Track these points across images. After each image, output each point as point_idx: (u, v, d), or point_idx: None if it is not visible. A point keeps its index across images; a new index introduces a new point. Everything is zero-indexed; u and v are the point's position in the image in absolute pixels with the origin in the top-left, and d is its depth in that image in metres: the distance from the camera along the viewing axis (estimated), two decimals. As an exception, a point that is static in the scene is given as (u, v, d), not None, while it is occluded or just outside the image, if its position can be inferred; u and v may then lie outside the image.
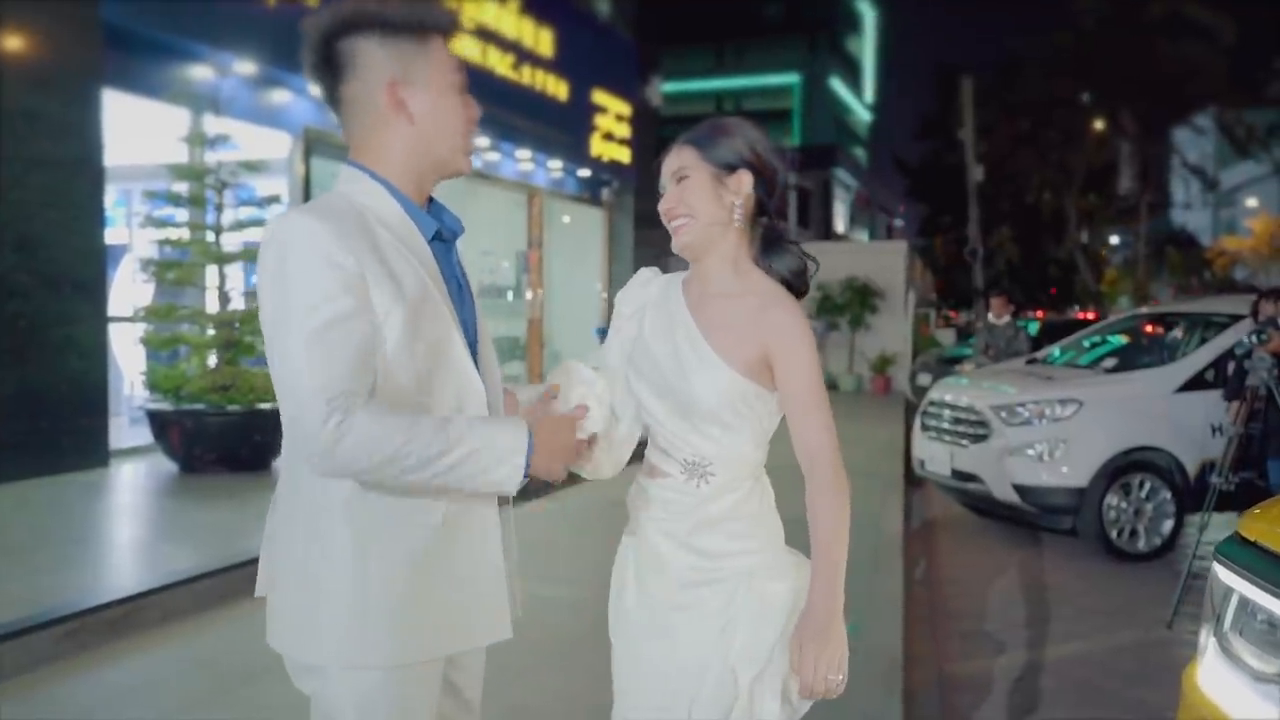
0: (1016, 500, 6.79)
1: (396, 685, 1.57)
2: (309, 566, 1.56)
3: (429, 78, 1.67)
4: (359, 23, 1.65)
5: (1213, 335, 7.22)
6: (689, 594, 1.77)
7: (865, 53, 77.31)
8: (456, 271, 1.76)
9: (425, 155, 1.69)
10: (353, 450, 1.43)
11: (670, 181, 1.81)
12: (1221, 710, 1.64)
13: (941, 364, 16.34)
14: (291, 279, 1.50)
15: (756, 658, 1.75)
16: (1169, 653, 4.86)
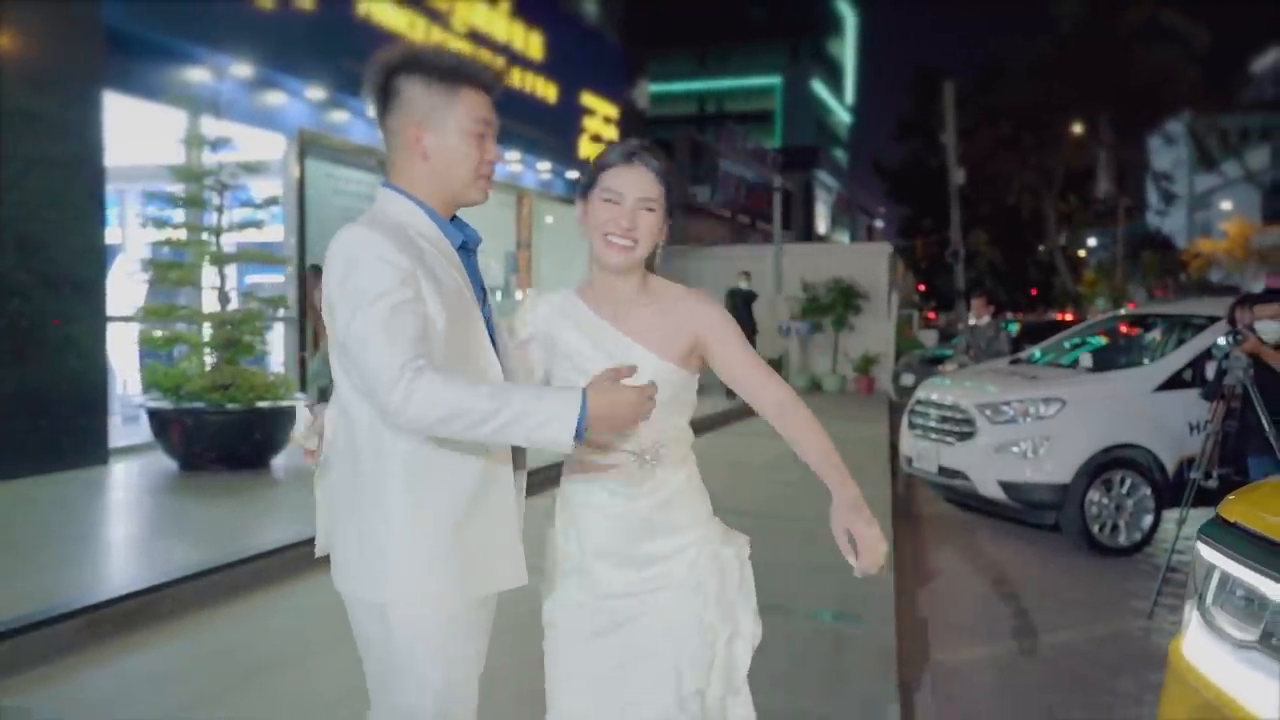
0: (1002, 496, 6.98)
1: (446, 626, 1.88)
2: (373, 524, 1.86)
3: (449, 124, 1.94)
4: (408, 65, 1.95)
5: (1190, 336, 7.43)
6: (657, 569, 2.01)
7: (846, 55, 77.79)
8: (478, 276, 2.04)
9: (440, 186, 1.98)
10: (421, 406, 1.69)
11: (635, 204, 2.03)
12: (1205, 676, 1.81)
13: (924, 364, 16.56)
14: (360, 276, 1.78)
15: (727, 616, 2.01)
16: (1150, 642, 5.06)
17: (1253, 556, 1.75)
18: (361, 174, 11.42)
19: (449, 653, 1.90)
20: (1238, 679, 1.73)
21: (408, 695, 1.90)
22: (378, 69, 1.96)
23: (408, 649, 1.88)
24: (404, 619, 1.87)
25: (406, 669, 1.89)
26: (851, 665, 4.22)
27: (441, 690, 1.90)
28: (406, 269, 1.80)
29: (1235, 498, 1.98)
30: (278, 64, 9.73)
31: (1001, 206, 29.47)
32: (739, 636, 2.03)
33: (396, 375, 1.70)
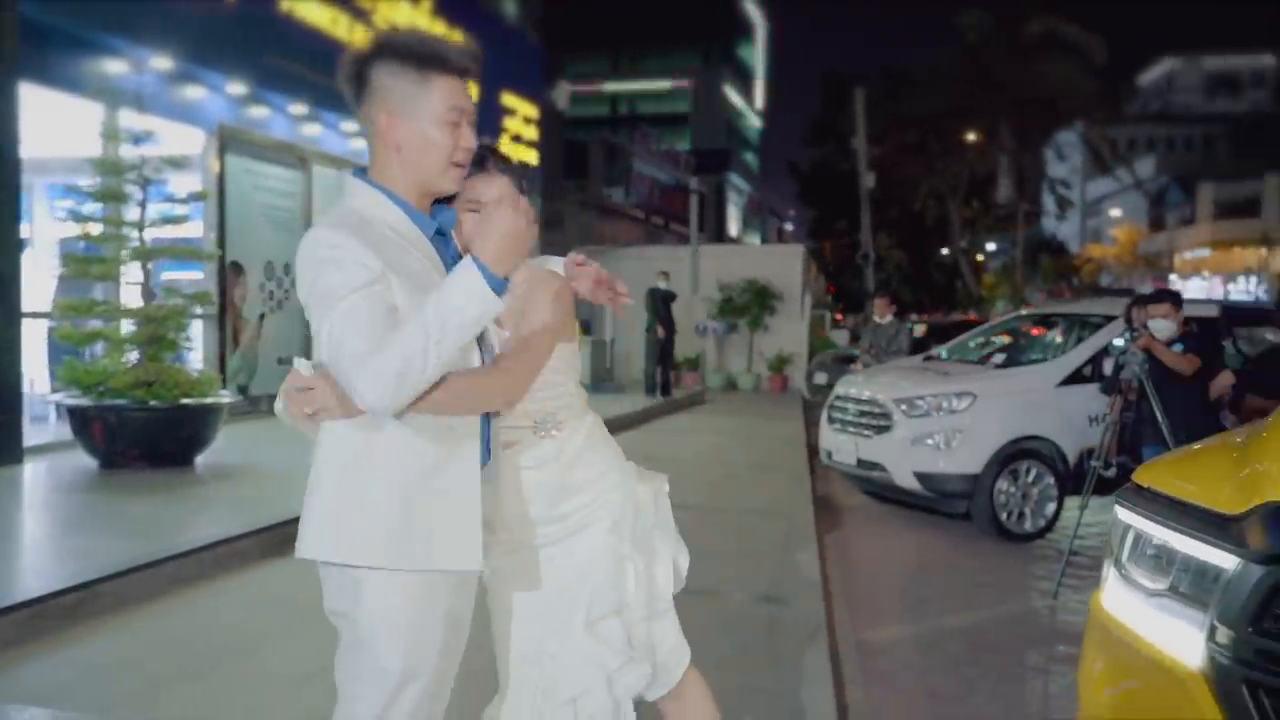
0: (917, 487, 7.32)
1: (412, 605, 1.90)
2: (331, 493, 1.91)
3: (420, 112, 1.92)
4: (379, 53, 1.94)
5: (1089, 334, 7.89)
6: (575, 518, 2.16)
7: (756, 60, 78.93)
8: (454, 258, 2.05)
9: (413, 176, 1.96)
10: (381, 385, 1.75)
11: None
12: (1122, 623, 2.05)
13: (836, 363, 17.08)
14: (328, 278, 1.81)
15: (643, 547, 2.19)
16: (1055, 620, 5.42)
17: (1162, 515, 2.00)
18: (283, 170, 11.30)
19: (411, 636, 1.92)
20: (1150, 623, 1.98)
21: (369, 673, 1.91)
22: (350, 58, 1.96)
23: (370, 627, 1.90)
24: (370, 589, 1.89)
25: (368, 647, 1.91)
26: (785, 645, 4.44)
27: (401, 672, 1.91)
28: (374, 269, 1.82)
29: (1149, 466, 2.24)
30: (197, 58, 9.59)
31: (908, 211, 30.38)
32: (658, 563, 2.22)
33: (360, 368, 1.76)
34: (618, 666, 2.12)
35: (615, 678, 2.13)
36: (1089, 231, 71.84)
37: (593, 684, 2.11)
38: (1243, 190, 61.66)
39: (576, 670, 2.12)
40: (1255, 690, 1.72)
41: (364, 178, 1.98)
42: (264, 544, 5.66)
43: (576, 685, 2.12)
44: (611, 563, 2.16)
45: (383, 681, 1.89)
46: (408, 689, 1.91)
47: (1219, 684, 1.77)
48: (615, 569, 2.16)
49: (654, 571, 2.22)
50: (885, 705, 4.07)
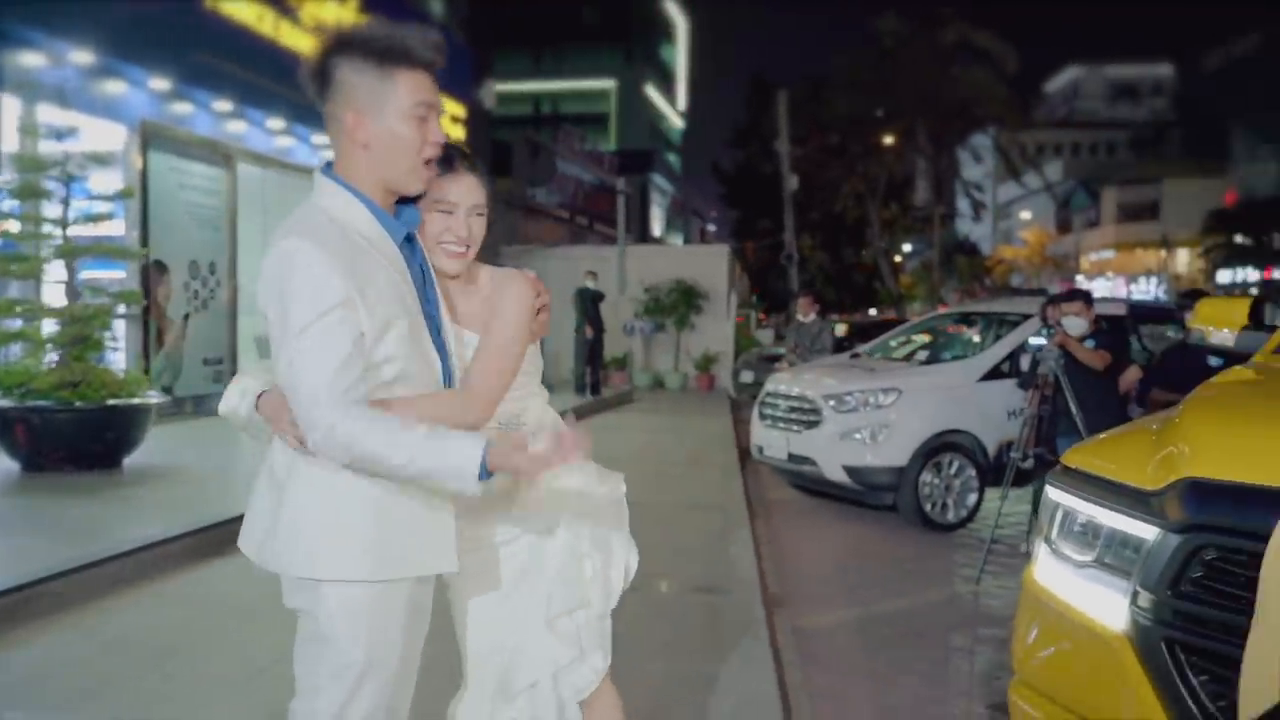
0: (846, 480, 7.57)
1: (373, 599, 1.90)
2: (298, 502, 1.90)
3: (386, 108, 1.87)
4: (341, 48, 1.88)
5: (1006, 332, 8.24)
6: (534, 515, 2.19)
7: (678, 61, 79.43)
8: (420, 262, 2.03)
9: (381, 175, 1.91)
10: (338, 448, 1.77)
11: (468, 212, 2.08)
12: (1053, 593, 2.24)
13: (762, 362, 17.37)
14: (292, 301, 1.77)
15: (601, 546, 2.24)
16: (978, 604, 5.67)
17: (1089, 494, 2.19)
18: (207, 168, 11.11)
19: (372, 629, 1.91)
20: (1078, 592, 2.16)
21: (329, 667, 1.90)
22: (315, 52, 1.90)
23: (330, 622, 1.89)
24: (330, 593, 1.88)
25: (330, 641, 1.89)
26: (726, 632, 4.60)
27: (363, 665, 1.91)
28: (340, 292, 1.77)
29: (1075, 449, 2.44)
30: (119, 52, 9.39)
31: (830, 212, 31.01)
32: (613, 565, 2.27)
33: (313, 405, 1.76)
34: (568, 663, 2.18)
35: (562, 675, 2.19)
36: (1000, 233, 74.00)
37: (543, 679, 2.17)
38: (1144, 194, 64.25)
39: (530, 664, 2.17)
40: (1172, 647, 1.91)
41: (333, 175, 1.93)
42: (203, 545, 5.62)
43: (529, 678, 2.17)
44: (570, 561, 2.20)
45: (344, 675, 1.89)
46: (369, 682, 1.91)
47: (1141, 644, 1.96)
48: (574, 567, 2.20)
49: (609, 572, 2.26)
50: (824, 686, 4.24)
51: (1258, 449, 1.99)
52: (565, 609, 2.18)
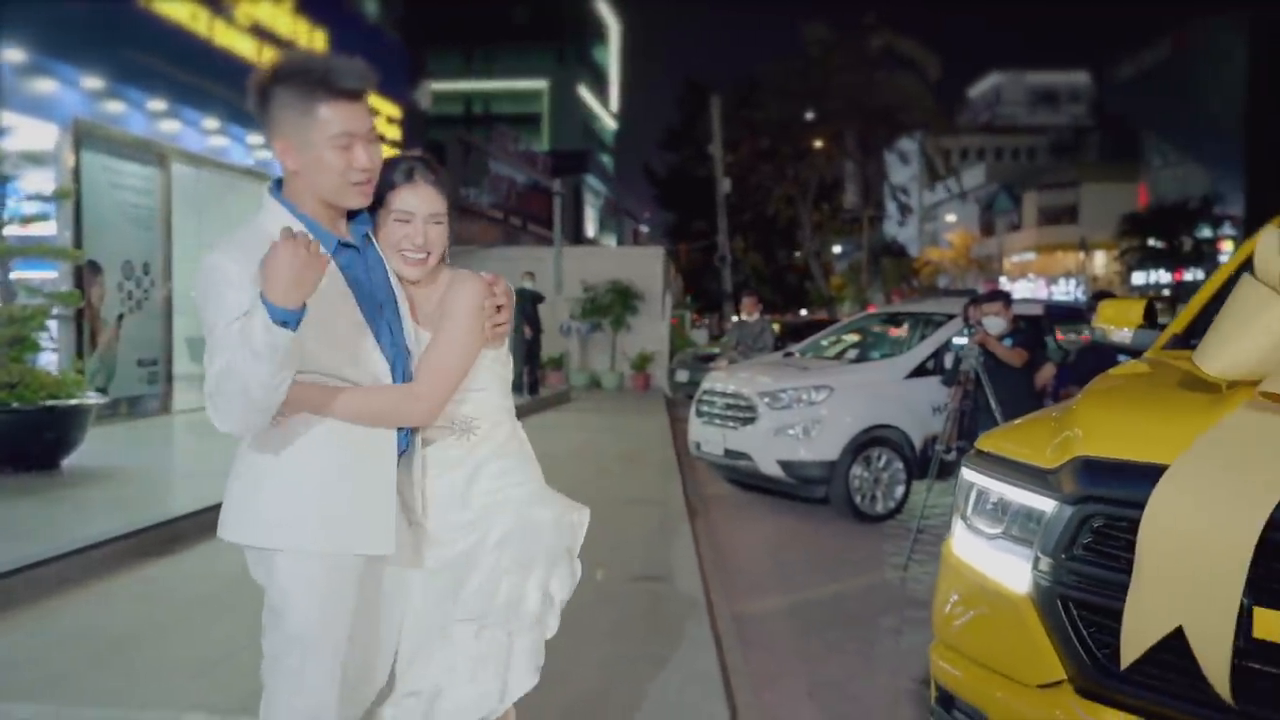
0: (780, 474, 7.86)
1: (324, 573, 2.05)
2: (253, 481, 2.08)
3: (310, 138, 2.00)
4: (270, 82, 2.02)
5: (932, 331, 8.62)
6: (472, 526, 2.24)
7: (610, 62, 79.62)
8: (364, 267, 2.16)
9: (313, 195, 2.07)
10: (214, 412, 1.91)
11: (426, 220, 2.18)
12: (968, 563, 2.51)
13: (697, 362, 17.67)
14: (209, 301, 1.95)
15: (525, 565, 2.25)
16: (905, 589, 5.98)
17: (998, 473, 2.46)
18: (140, 167, 11.01)
19: (322, 601, 2.05)
20: (990, 561, 2.43)
21: (284, 635, 2.06)
22: (251, 90, 2.04)
23: (283, 594, 2.05)
24: (283, 566, 2.04)
25: (283, 610, 2.05)
26: (670, 617, 4.83)
27: (313, 634, 2.04)
28: (248, 298, 1.88)
29: (987, 435, 2.71)
30: (50, 50, 9.31)
31: (762, 214, 31.53)
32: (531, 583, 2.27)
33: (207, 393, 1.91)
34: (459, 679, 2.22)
35: (445, 693, 2.22)
36: (927, 235, 75.62)
37: (425, 690, 2.23)
38: (1063, 198, 66.32)
39: (418, 673, 2.24)
40: (1067, 604, 2.18)
41: (276, 194, 2.09)
42: (148, 543, 5.70)
43: (421, 683, 2.23)
44: (487, 575, 2.23)
45: (297, 644, 2.05)
46: (322, 651, 2.05)
47: (1041, 603, 2.23)
48: (489, 581, 2.23)
49: (526, 590, 2.25)
50: (763, 666, 4.49)
51: (1139, 431, 2.28)
52: (469, 619, 2.22)
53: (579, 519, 2.38)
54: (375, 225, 2.20)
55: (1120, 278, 54.64)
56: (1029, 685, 2.21)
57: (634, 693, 3.82)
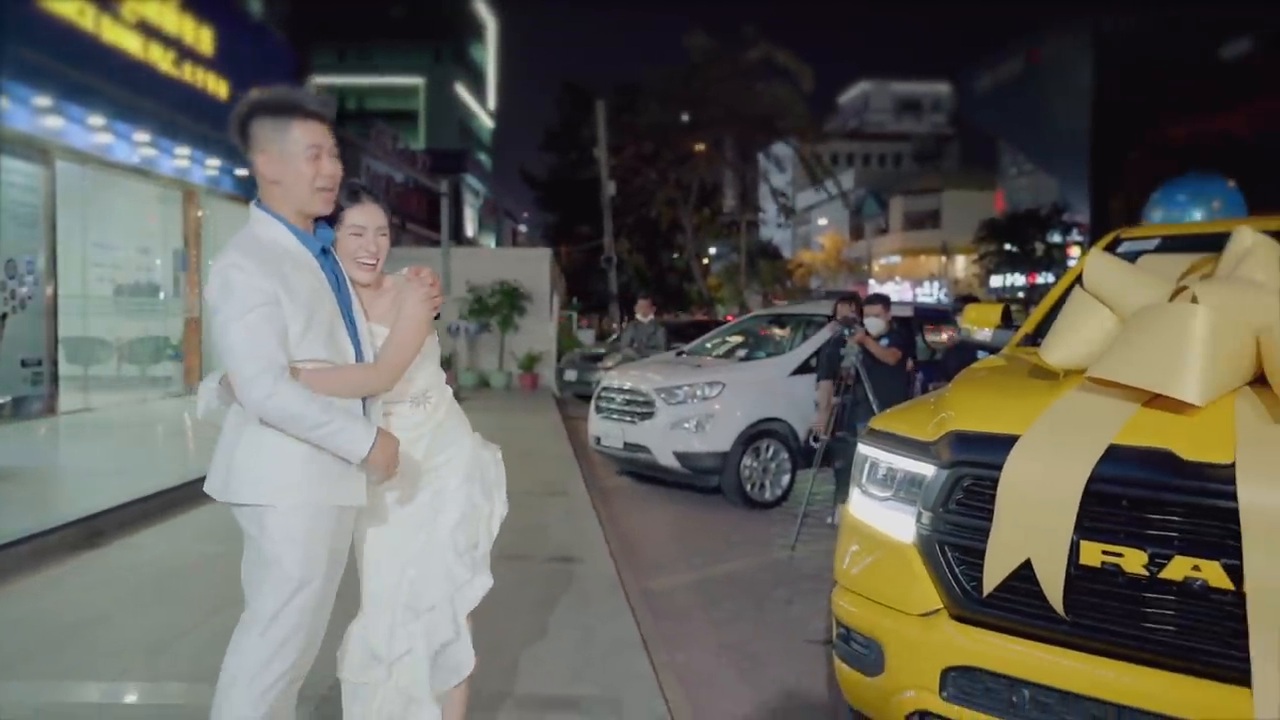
0: (676, 465, 8.38)
1: (310, 523, 2.47)
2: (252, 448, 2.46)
3: (287, 150, 2.48)
4: (252, 110, 2.51)
5: (813, 332, 9.29)
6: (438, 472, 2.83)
7: (488, 62, 79.21)
8: (334, 271, 2.62)
9: (290, 202, 2.52)
10: (273, 410, 2.34)
11: (375, 233, 2.69)
12: (864, 522, 3.03)
13: (585, 361, 18.12)
14: (233, 294, 2.35)
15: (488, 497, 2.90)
16: (794, 566, 6.56)
17: (888, 447, 3.00)
18: (24, 164, 10.78)
19: (307, 551, 2.45)
20: (882, 519, 2.96)
21: (271, 582, 2.44)
22: (235, 119, 2.51)
23: (273, 545, 2.43)
24: (272, 521, 2.43)
25: (273, 562, 2.43)
26: (588, 593, 5.28)
27: (298, 580, 2.45)
28: (268, 291, 2.35)
29: (880, 417, 3.26)
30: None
31: (645, 217, 32.18)
32: (495, 515, 2.95)
33: (255, 375, 2.31)
34: (468, 579, 2.82)
35: (459, 595, 2.79)
36: (800, 238, 77.90)
37: (444, 597, 2.78)
38: (927, 204, 69.37)
39: (434, 588, 2.78)
40: (943, 548, 2.72)
41: (261, 206, 2.54)
42: (71, 539, 5.82)
43: (431, 600, 2.78)
44: (467, 506, 2.84)
45: (282, 588, 2.44)
46: (302, 593, 2.46)
47: (923, 549, 2.77)
48: (470, 511, 2.85)
49: (493, 518, 2.93)
50: (673, 633, 4.98)
51: (998, 410, 2.84)
52: (469, 544, 2.83)
53: (499, 455, 3.05)
54: None
55: (979, 280, 57.37)
56: (913, 615, 2.76)
57: (566, 657, 4.27)
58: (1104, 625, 2.41)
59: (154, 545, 6.04)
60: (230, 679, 2.47)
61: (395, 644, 2.80)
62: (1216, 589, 2.24)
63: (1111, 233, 4.37)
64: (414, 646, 2.80)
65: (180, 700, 3.62)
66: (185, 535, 6.31)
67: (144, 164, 12.94)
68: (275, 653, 2.45)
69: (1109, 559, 2.38)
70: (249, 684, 2.45)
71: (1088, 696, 2.40)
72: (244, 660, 2.47)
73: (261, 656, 2.45)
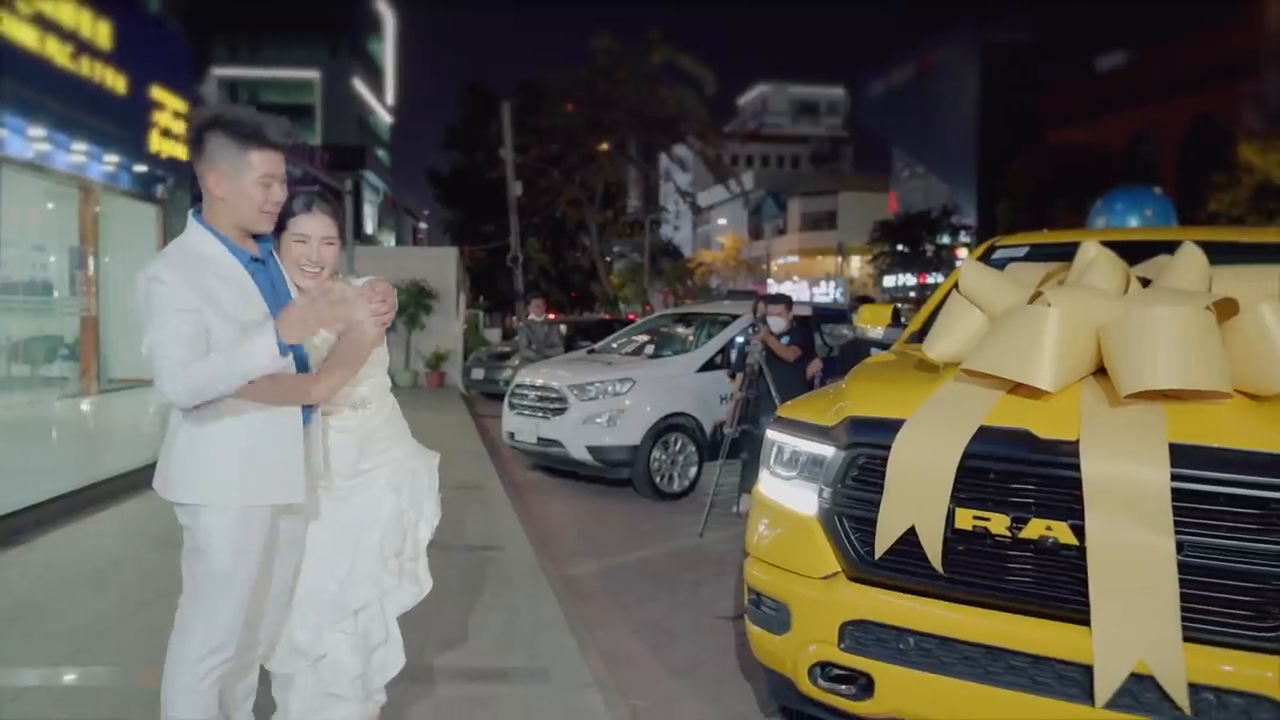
0: (589, 458, 8.70)
1: (240, 522, 2.60)
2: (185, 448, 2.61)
3: (242, 176, 2.58)
4: (211, 126, 2.60)
5: (718, 330, 9.72)
6: (367, 476, 2.97)
7: (386, 56, 78.05)
8: (279, 280, 2.76)
9: (233, 219, 2.63)
10: (183, 392, 2.46)
11: (320, 242, 2.79)
12: (772, 499, 3.40)
13: (492, 360, 18.29)
14: (151, 305, 2.48)
15: (415, 506, 3.06)
16: (702, 552, 6.95)
17: (793, 432, 3.38)
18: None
19: (237, 547, 2.59)
20: (788, 496, 3.33)
21: (203, 571, 2.61)
22: (193, 126, 2.61)
23: (206, 537, 2.58)
24: (205, 515, 2.56)
25: (204, 553, 2.59)
26: (511, 578, 5.57)
27: (227, 573, 2.59)
28: (187, 300, 2.46)
29: (786, 406, 3.64)
30: None
31: (550, 217, 32.40)
32: (424, 520, 3.08)
33: (170, 373, 2.43)
34: (395, 584, 3.02)
35: (387, 599, 2.99)
36: (700, 238, 78.95)
37: (372, 600, 2.97)
38: (823, 205, 71.14)
39: (360, 587, 2.95)
40: (841, 519, 3.10)
41: (198, 217, 2.65)
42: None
43: (359, 600, 2.95)
44: (392, 514, 2.98)
45: (212, 578, 2.61)
46: (232, 586, 2.61)
47: (824, 520, 3.15)
48: (394, 518, 2.99)
49: (420, 527, 3.08)
50: (592, 614, 5.30)
51: (887, 398, 3.24)
52: (394, 549, 3.00)
53: (434, 463, 3.17)
54: (278, 244, 2.81)
55: (873, 280, 59.11)
56: (815, 578, 3.13)
57: (495, 633, 4.56)
58: (975, 579, 2.83)
59: (82, 540, 6.10)
60: (170, 665, 2.68)
61: (321, 642, 2.95)
62: (1065, 545, 2.67)
63: (988, 241, 4.87)
64: (338, 645, 2.96)
65: (119, 684, 3.78)
66: (97, 534, 6.36)
67: (39, 159, 12.62)
68: (211, 636, 2.64)
69: (979, 523, 2.79)
70: (193, 664, 2.64)
71: (962, 640, 2.82)
72: (185, 641, 2.67)
73: (199, 639, 2.65)
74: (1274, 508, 2.51)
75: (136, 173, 15.26)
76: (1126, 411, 2.71)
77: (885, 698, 2.92)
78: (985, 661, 2.78)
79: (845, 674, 3.01)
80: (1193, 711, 2.48)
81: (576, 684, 3.93)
